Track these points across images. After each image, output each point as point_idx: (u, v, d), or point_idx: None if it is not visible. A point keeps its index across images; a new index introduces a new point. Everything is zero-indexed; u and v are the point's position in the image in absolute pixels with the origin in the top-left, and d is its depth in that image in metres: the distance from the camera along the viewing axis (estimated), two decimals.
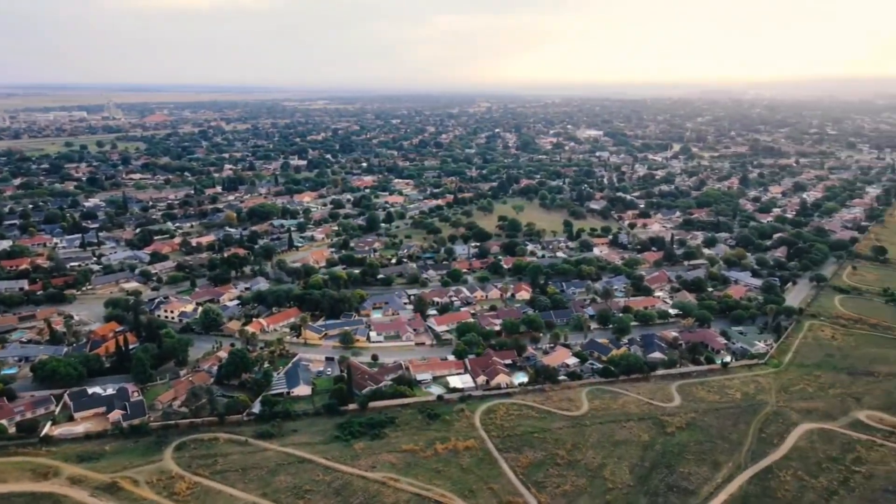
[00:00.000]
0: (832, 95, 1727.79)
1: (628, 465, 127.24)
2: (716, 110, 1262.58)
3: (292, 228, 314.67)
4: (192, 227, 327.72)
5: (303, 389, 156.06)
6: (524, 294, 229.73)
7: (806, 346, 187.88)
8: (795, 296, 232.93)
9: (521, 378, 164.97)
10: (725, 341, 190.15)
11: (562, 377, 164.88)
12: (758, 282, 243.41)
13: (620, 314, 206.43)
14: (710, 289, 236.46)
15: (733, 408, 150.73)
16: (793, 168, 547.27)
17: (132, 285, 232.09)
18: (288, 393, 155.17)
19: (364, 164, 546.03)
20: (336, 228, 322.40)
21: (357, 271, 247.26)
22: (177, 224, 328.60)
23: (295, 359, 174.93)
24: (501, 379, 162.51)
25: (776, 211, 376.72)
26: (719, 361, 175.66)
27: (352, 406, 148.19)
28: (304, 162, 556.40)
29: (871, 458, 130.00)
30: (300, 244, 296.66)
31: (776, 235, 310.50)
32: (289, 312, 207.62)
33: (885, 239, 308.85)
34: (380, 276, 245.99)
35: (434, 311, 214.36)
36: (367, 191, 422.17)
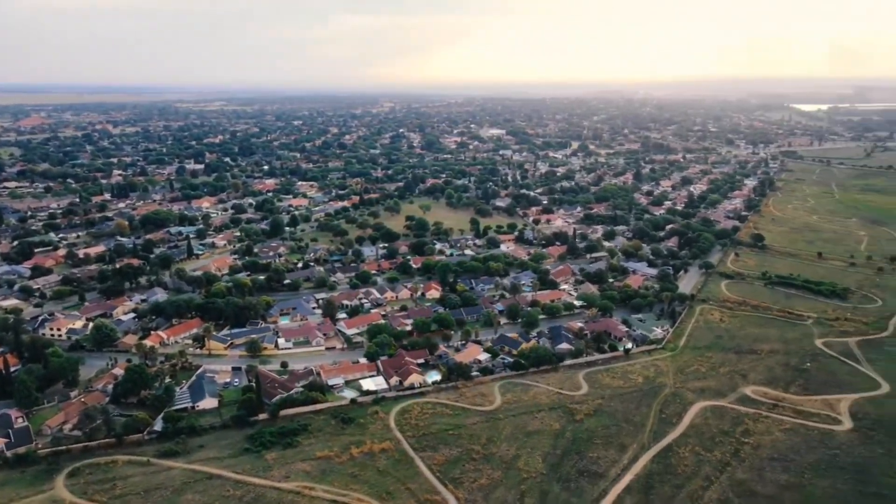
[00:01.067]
0: (713, 95, 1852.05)
1: (541, 454, 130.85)
2: (610, 109, 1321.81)
3: (191, 235, 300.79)
4: (78, 237, 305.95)
5: (209, 402, 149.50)
6: (434, 293, 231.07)
7: (698, 330, 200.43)
8: (687, 283, 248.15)
9: (434, 376, 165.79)
10: (627, 329, 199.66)
11: (474, 373, 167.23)
12: (653, 271, 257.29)
13: (529, 308, 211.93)
14: (611, 280, 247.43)
15: (636, 392, 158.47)
16: (680, 163, 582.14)
17: (11, 303, 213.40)
18: (193, 407, 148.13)
19: (265, 167, 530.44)
20: (238, 234, 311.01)
21: (262, 277, 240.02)
22: (60, 235, 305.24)
23: (199, 371, 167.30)
24: (414, 379, 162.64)
25: (667, 204, 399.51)
26: (622, 348, 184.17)
27: (262, 416, 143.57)
28: (202, 166, 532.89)
29: (758, 430, 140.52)
30: (200, 251, 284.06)
31: (668, 227, 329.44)
32: (190, 323, 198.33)
33: (762, 227, 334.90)
34: (286, 281, 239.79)
35: (344, 315, 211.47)
36: (270, 194, 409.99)
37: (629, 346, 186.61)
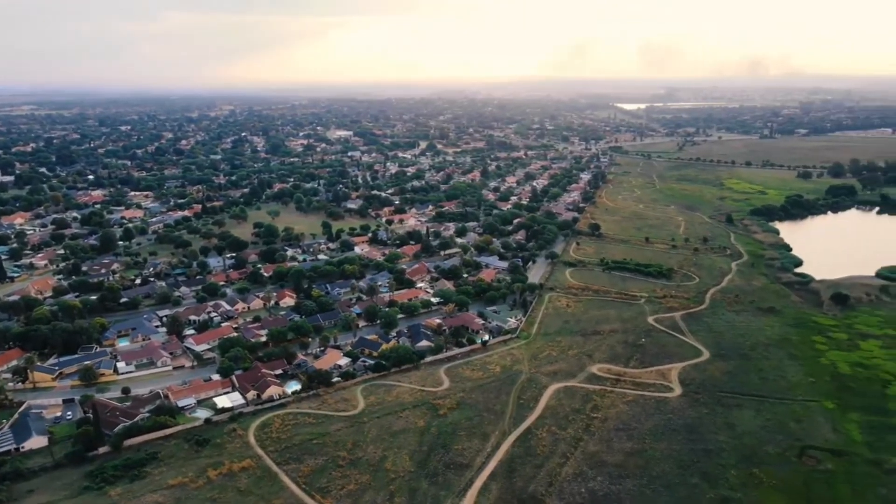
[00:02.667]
0: (547, 95, 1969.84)
1: (408, 452, 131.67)
2: (454, 109, 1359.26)
3: (3, 256, 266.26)
4: None
5: (37, 441, 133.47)
6: (289, 300, 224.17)
7: (548, 317, 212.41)
8: (536, 273, 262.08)
9: (294, 386, 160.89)
10: (483, 321, 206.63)
11: (335, 379, 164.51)
12: (504, 264, 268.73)
13: (387, 309, 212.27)
14: (465, 275, 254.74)
15: (495, 381, 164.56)
16: (523, 160, 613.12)
17: None
18: (17, 449, 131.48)
19: (90, 177, 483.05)
20: (62, 252, 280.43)
21: (94, 297, 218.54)
22: None
23: (22, 408, 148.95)
24: (273, 391, 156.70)
25: (513, 199, 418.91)
26: (480, 341, 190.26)
27: (103, 449, 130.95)
28: (11, 178, 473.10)
29: (605, 404, 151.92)
30: (16, 274, 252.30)
31: (515, 221, 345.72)
32: (8, 355, 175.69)
33: (598, 217, 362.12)
34: (123, 299, 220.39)
35: (191, 330, 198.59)
36: (98, 206, 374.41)
37: (486, 338, 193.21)
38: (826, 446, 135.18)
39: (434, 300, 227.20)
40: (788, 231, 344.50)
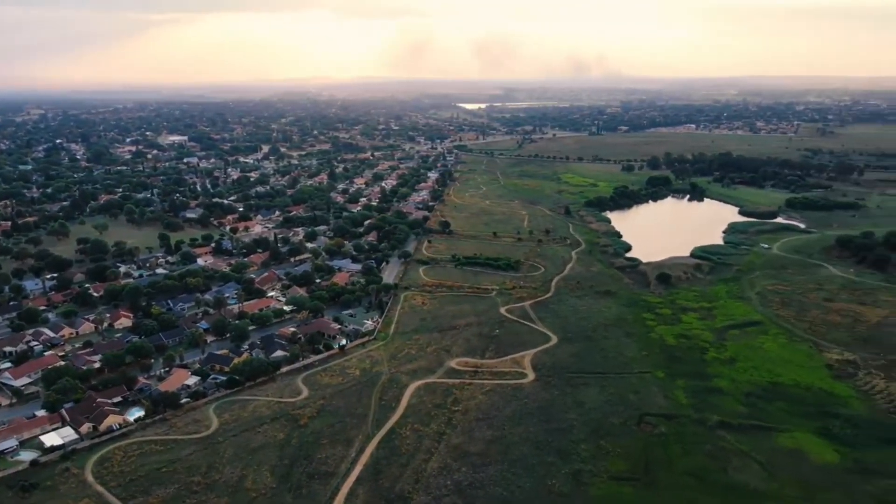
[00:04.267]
0: (391, 96, 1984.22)
1: (269, 468, 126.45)
2: (297, 111, 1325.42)
3: None
4: None
5: None
6: (125, 321, 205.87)
7: (405, 316, 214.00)
8: (390, 273, 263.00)
9: (136, 413, 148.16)
10: (339, 326, 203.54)
11: (184, 400, 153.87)
12: (358, 266, 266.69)
13: (236, 321, 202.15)
14: (318, 280, 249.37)
15: (355, 385, 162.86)
16: (370, 160, 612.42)
17: None
18: None
19: None
20: None
21: None
22: None
23: None
24: (112, 420, 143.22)
25: (363, 200, 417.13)
26: (337, 346, 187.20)
27: None
28: None
29: (464, 397, 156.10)
30: None
31: (367, 222, 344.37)
32: None
33: (447, 214, 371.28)
34: None
35: (8, 364, 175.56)
36: None
37: (343, 342, 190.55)
38: (660, 412, 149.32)
39: (287, 308, 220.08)
40: (618, 220, 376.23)
